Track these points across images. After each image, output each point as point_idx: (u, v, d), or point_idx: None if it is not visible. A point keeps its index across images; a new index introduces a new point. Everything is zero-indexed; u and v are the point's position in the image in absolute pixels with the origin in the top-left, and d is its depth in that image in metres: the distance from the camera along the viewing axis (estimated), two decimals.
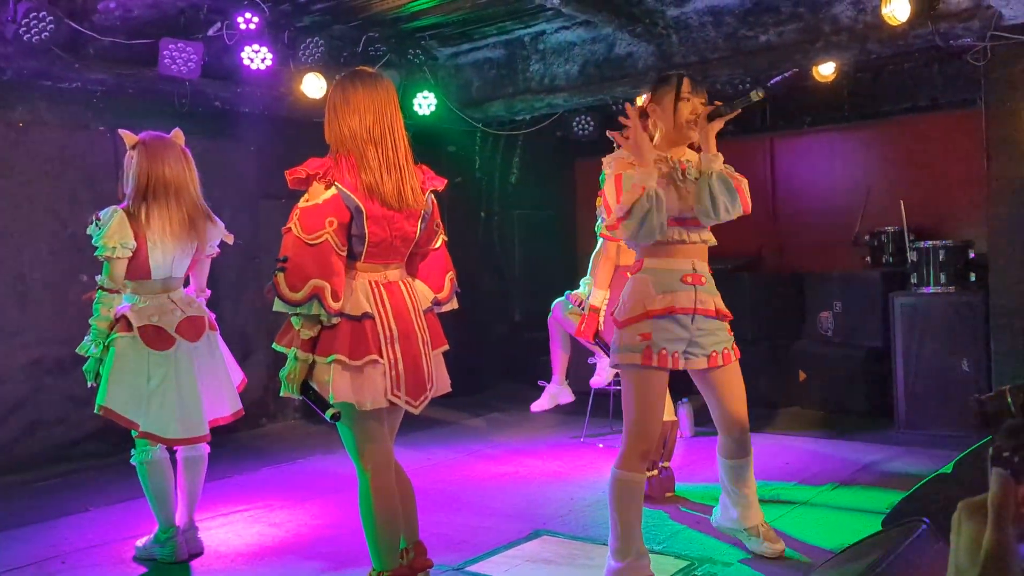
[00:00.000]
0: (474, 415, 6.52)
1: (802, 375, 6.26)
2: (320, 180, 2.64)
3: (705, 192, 2.98)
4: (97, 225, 3.36)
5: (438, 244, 2.98)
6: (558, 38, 6.33)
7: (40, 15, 4.48)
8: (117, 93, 5.40)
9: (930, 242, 5.43)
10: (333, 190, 2.63)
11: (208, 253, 3.66)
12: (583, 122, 7.13)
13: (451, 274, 3.01)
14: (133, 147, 3.47)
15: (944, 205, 6.23)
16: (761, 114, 7.09)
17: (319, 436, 5.89)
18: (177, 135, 3.58)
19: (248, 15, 5.22)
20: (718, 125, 3.02)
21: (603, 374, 4.95)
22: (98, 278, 3.38)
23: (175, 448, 3.55)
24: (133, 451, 3.51)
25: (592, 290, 4.39)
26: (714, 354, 3.10)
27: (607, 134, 3.14)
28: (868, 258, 6.25)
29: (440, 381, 2.91)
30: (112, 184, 5.47)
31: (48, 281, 5.19)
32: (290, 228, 2.61)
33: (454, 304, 3.07)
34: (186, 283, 3.71)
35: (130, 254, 3.35)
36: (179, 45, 5.06)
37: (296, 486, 4.67)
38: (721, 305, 3.14)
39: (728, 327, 3.20)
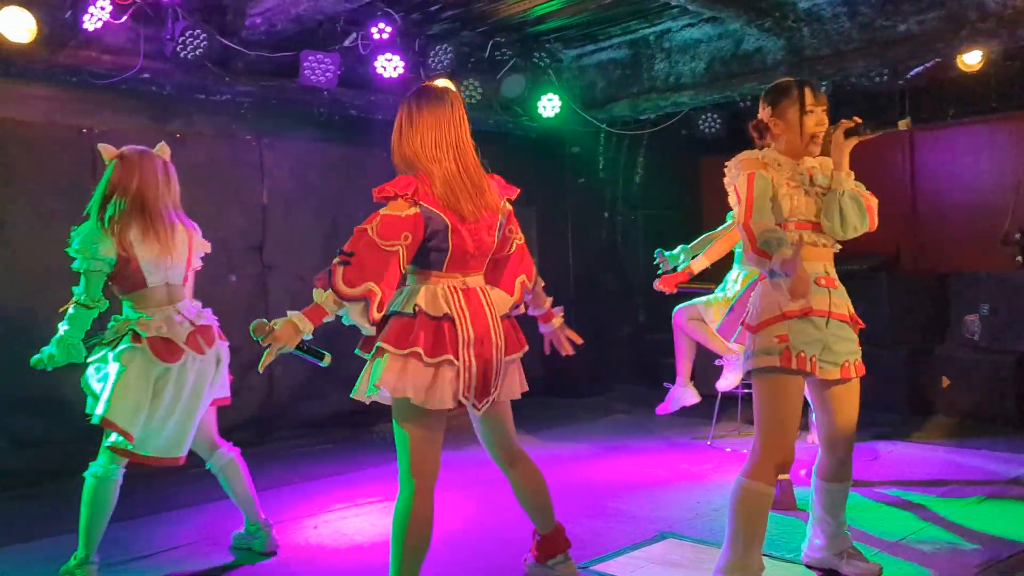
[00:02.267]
0: (598, 416, 6.53)
1: (945, 381, 5.95)
2: (406, 199, 2.69)
3: (835, 209, 2.89)
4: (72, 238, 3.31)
5: (512, 249, 2.98)
6: (684, 36, 6.27)
7: (195, 32, 4.82)
8: (262, 103, 5.74)
9: None
10: (416, 208, 2.69)
11: (193, 266, 3.60)
12: (709, 120, 7.02)
13: (522, 277, 2.99)
14: (110, 160, 3.44)
15: None
16: (900, 106, 6.78)
17: (449, 431, 6.03)
18: (162, 149, 3.56)
19: (382, 25, 5.43)
20: (854, 143, 2.93)
21: (730, 377, 4.88)
22: (75, 290, 3.30)
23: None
24: (93, 463, 3.34)
25: (693, 256, 4.45)
26: (846, 364, 2.98)
27: (751, 128, 3.08)
28: (1019, 258, 5.88)
29: (509, 387, 2.92)
30: (257, 188, 5.83)
31: (200, 282, 5.55)
32: (366, 229, 2.67)
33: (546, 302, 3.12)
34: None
35: (108, 269, 3.29)
36: (318, 56, 5.33)
37: None
38: (853, 311, 3.03)
39: (857, 338, 3.07)
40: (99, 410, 3.23)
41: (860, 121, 2.92)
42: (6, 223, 4.90)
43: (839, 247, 3.07)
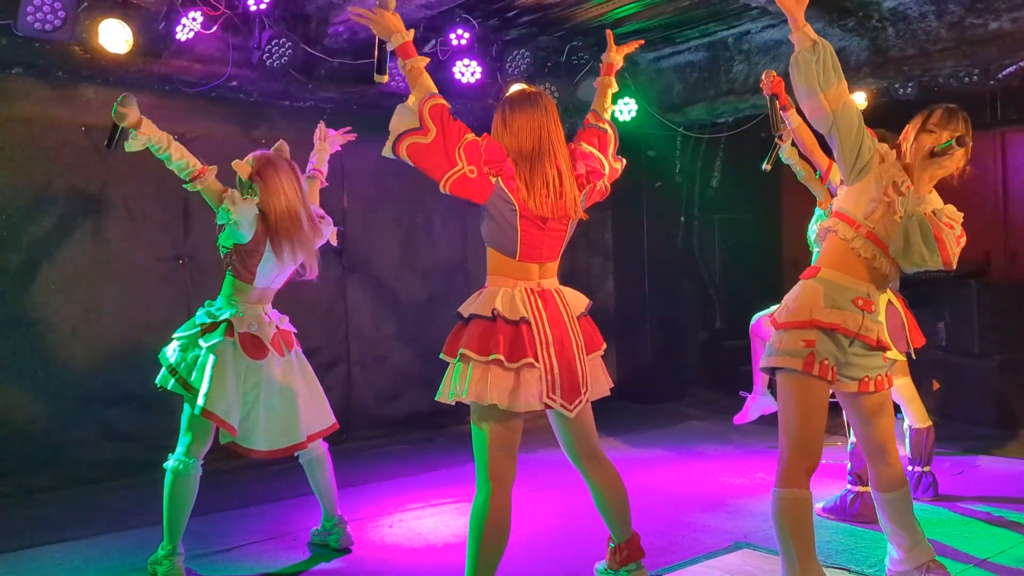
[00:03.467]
0: (673, 423, 6.47)
1: None
2: (492, 171, 2.80)
3: (901, 234, 2.79)
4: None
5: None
6: (763, 37, 6.17)
7: (280, 41, 4.97)
8: (343, 109, 5.87)
9: None
10: (493, 180, 2.80)
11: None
12: (789, 122, 6.88)
13: None
14: (248, 180, 3.55)
15: None
16: (991, 108, 6.53)
17: (525, 434, 6.07)
18: (282, 147, 3.69)
19: (460, 31, 5.50)
20: (937, 162, 2.83)
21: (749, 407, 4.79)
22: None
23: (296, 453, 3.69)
24: (172, 455, 3.47)
25: None
26: (865, 379, 2.90)
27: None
28: None
29: (596, 385, 2.95)
30: (338, 193, 5.97)
31: (286, 283, 5.72)
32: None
33: None
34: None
35: (246, 241, 3.44)
36: (398, 63, 5.41)
37: None
38: (884, 336, 2.92)
39: (884, 356, 2.95)
40: (200, 401, 3.35)
41: (959, 138, 2.80)
42: (103, 225, 5.14)
43: (895, 280, 2.97)
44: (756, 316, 4.78)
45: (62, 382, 4.93)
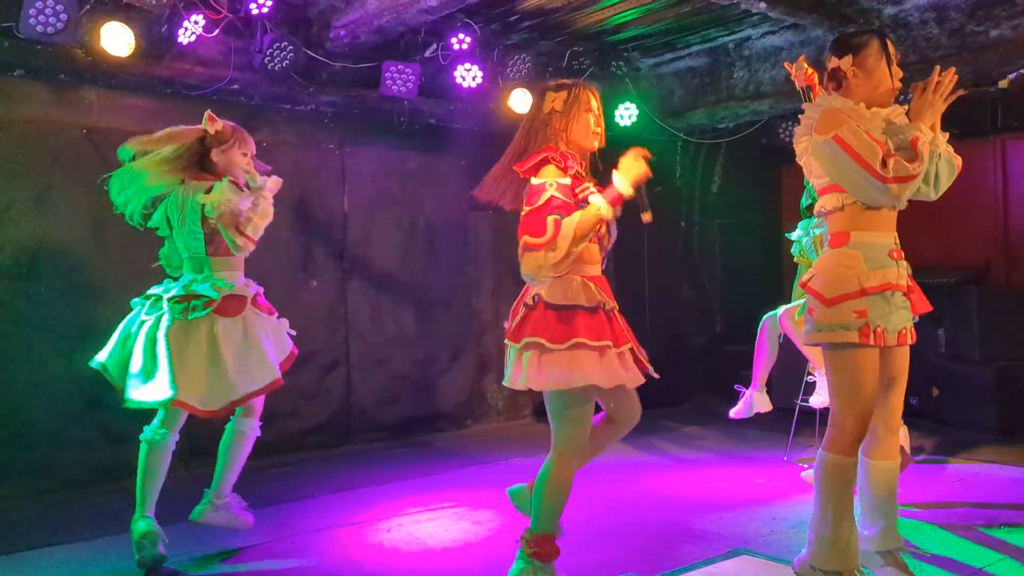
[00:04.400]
0: (672, 427, 6.47)
1: None
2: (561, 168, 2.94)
3: (932, 172, 2.80)
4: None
5: None
6: (764, 43, 6.18)
7: (282, 45, 4.99)
8: (344, 113, 5.89)
9: None
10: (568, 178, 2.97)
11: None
12: (790, 128, 6.90)
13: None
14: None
15: None
16: (992, 115, 6.54)
17: (521, 439, 6.10)
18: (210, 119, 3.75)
19: (461, 36, 5.52)
20: (947, 103, 2.82)
21: (824, 394, 4.74)
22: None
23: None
24: (147, 427, 3.63)
25: None
26: (903, 331, 2.90)
27: (795, 67, 3.10)
28: None
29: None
30: (338, 196, 5.99)
31: (283, 285, 5.73)
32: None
33: None
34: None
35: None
36: (399, 67, 5.44)
37: (499, 486, 4.86)
38: (911, 281, 2.95)
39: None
40: (168, 393, 3.44)
41: (953, 76, 2.79)
42: (104, 227, 5.14)
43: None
44: (767, 315, 4.77)
45: (61, 385, 4.93)
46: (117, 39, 4.60)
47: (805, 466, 5.09)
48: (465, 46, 5.55)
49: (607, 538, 3.90)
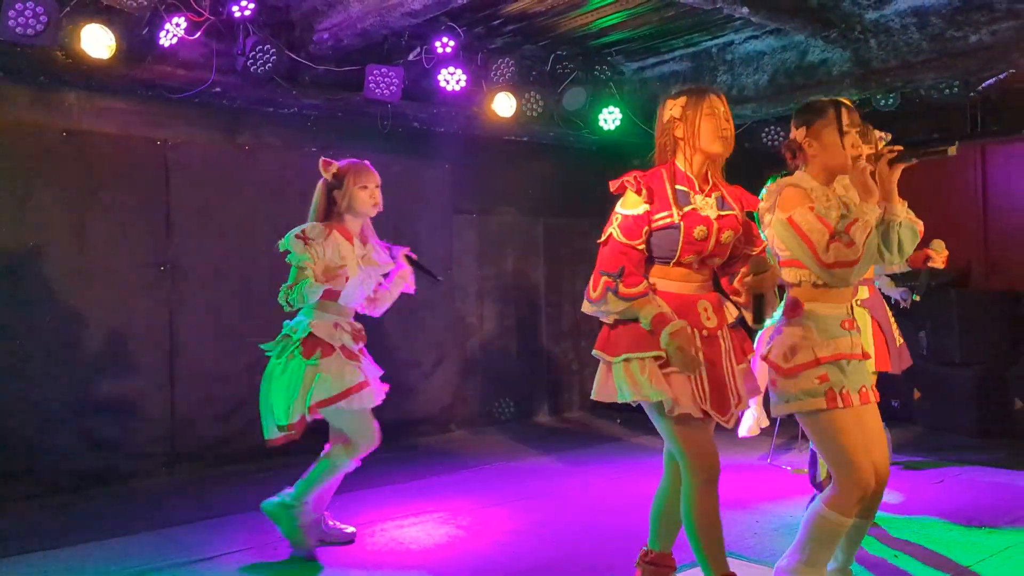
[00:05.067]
0: (648, 431, 6.47)
1: (1019, 404, 5.75)
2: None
3: (894, 240, 2.80)
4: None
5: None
6: (747, 48, 6.21)
7: (264, 48, 4.96)
8: (328, 116, 5.87)
9: None
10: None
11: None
12: (772, 133, 6.94)
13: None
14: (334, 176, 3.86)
15: None
16: (971, 120, 6.60)
17: (504, 443, 6.08)
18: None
19: (445, 39, 5.51)
20: (899, 171, 2.81)
21: (751, 421, 4.68)
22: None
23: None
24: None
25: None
26: (863, 389, 2.92)
27: (784, 148, 3.05)
28: None
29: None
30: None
31: (268, 290, 5.69)
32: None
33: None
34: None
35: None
36: (383, 70, 5.43)
37: (482, 491, 4.85)
38: (867, 347, 2.97)
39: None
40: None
41: (901, 149, 2.80)
42: (85, 231, 5.10)
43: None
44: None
45: (43, 390, 4.89)
46: (97, 41, 4.56)
47: (788, 468, 5.10)
48: (449, 50, 5.55)
49: (593, 541, 3.90)
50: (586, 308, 2.92)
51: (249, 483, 5.02)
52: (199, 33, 4.85)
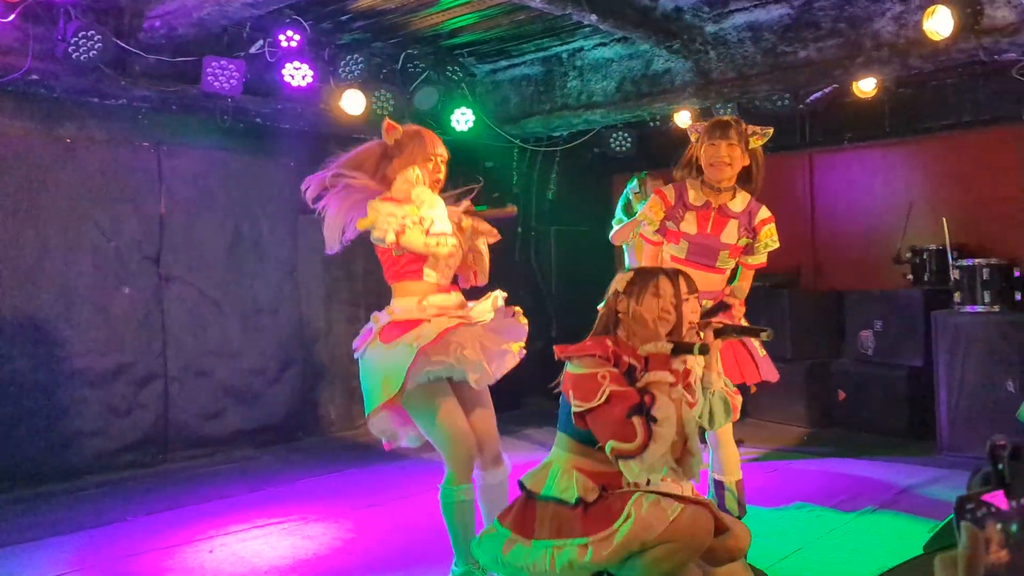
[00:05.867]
0: (509, 432, 6.49)
1: (841, 395, 6.16)
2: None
3: (706, 409, 2.89)
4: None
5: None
6: (595, 55, 6.34)
7: (88, 34, 4.60)
8: (162, 109, 5.52)
9: (973, 260, 5.32)
10: None
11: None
12: (620, 138, 7.13)
13: None
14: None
15: (988, 223, 6.10)
16: (801, 130, 7.01)
17: (354, 450, 5.92)
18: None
19: (290, 33, 5.31)
20: (721, 343, 2.90)
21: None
22: None
23: None
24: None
25: None
26: None
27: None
28: (910, 276, 6.13)
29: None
30: (154, 197, 5.60)
31: (92, 294, 5.30)
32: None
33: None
34: None
35: None
36: (222, 63, 5.16)
37: (330, 500, 4.70)
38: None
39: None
40: None
41: (728, 323, 2.91)
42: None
43: None
44: None
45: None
46: None
47: None
48: (294, 44, 5.35)
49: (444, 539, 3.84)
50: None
51: (70, 501, 4.66)
52: (13, 16, 4.45)
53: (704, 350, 2.67)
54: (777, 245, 3.81)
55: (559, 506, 2.59)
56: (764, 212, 3.72)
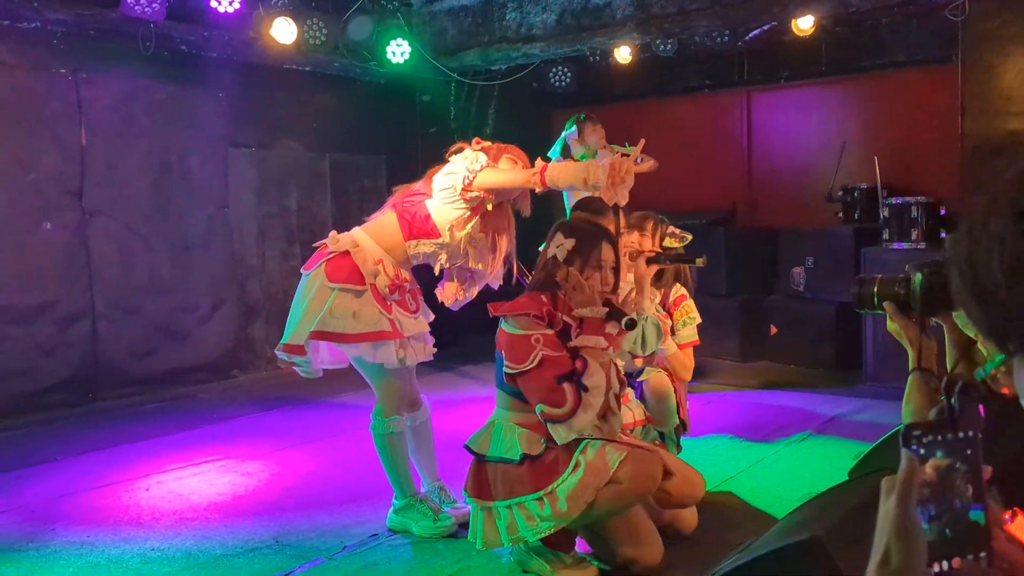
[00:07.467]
0: (451, 368, 6.50)
1: (773, 330, 6.31)
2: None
3: (639, 334, 2.93)
4: None
5: None
6: None
7: None
8: (78, 34, 5.23)
9: (903, 198, 5.45)
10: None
11: None
12: (560, 73, 7.05)
13: None
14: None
15: (918, 162, 6.25)
16: (738, 68, 7.03)
17: (289, 387, 5.85)
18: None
19: None
20: (653, 270, 2.99)
21: None
22: None
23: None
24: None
25: None
26: None
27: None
28: (841, 214, 6.26)
29: None
30: (74, 127, 5.33)
31: (10, 229, 5.05)
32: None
33: None
34: None
35: None
36: None
37: (266, 437, 4.65)
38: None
39: None
40: None
41: (660, 250, 2.98)
42: None
43: None
44: None
45: None
46: None
47: None
48: None
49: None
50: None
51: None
52: None
53: (631, 325, 2.69)
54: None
55: (507, 465, 2.63)
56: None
